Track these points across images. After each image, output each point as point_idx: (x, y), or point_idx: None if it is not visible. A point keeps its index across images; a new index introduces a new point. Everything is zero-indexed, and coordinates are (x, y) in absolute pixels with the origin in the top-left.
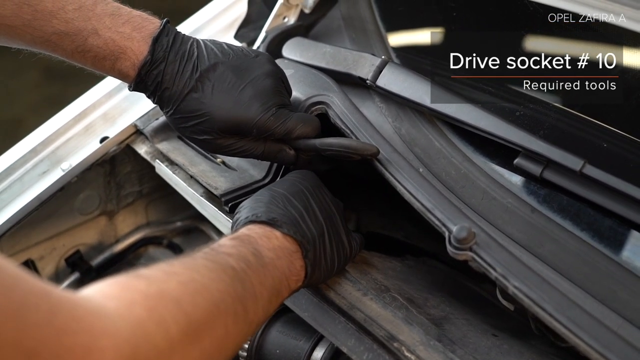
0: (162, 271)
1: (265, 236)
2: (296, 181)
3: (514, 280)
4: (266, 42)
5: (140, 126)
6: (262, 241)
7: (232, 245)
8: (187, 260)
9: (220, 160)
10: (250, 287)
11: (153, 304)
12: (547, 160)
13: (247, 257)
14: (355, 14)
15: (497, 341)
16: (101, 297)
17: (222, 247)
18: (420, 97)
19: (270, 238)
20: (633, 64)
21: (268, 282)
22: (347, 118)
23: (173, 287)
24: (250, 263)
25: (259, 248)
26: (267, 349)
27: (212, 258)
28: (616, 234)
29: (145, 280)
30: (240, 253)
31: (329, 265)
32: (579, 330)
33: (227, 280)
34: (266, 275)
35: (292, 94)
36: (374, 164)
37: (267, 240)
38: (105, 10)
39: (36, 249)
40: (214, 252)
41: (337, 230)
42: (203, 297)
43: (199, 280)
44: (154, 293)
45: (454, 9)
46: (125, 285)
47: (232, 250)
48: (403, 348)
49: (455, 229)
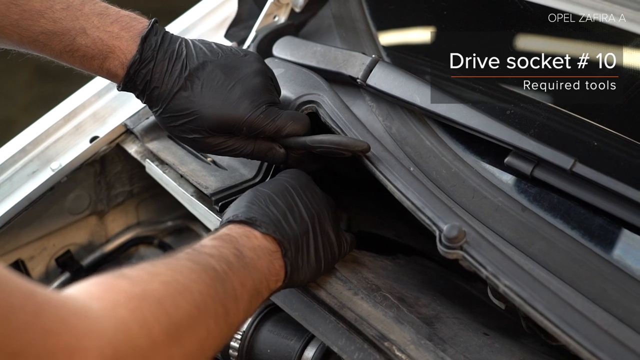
0: (145, 271)
1: (245, 235)
2: (283, 180)
3: (505, 279)
4: (256, 42)
5: (131, 126)
6: (243, 241)
7: (213, 246)
8: (169, 260)
9: (211, 159)
10: (230, 288)
11: (136, 305)
12: (537, 159)
13: (229, 257)
14: (346, 12)
15: (488, 340)
16: (86, 297)
17: (204, 247)
18: (410, 95)
19: (250, 237)
20: (633, 64)
21: (248, 283)
22: (337, 117)
23: (155, 287)
24: (231, 264)
25: (241, 248)
26: (258, 349)
27: (194, 259)
28: (606, 232)
29: (129, 281)
30: (222, 254)
31: (314, 265)
32: (569, 328)
33: (209, 282)
34: (247, 276)
35: (283, 93)
36: (365, 162)
37: (247, 239)
38: (94, 9)
39: (26, 249)
40: (195, 253)
41: (325, 228)
42: (185, 298)
43: (181, 281)
44: (137, 293)
45: (445, 8)
46: (109, 286)
47: (214, 250)
48: (394, 347)
49: (446, 228)
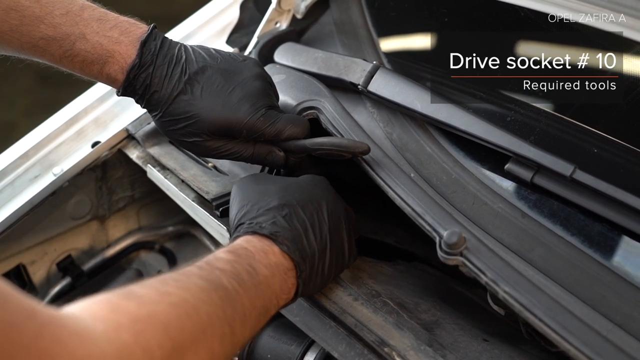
0: (154, 290)
1: (263, 251)
2: (308, 188)
3: (505, 285)
4: (258, 48)
5: (132, 131)
6: (259, 256)
7: (228, 261)
8: (180, 277)
9: (212, 164)
10: (240, 308)
11: (140, 328)
12: (537, 166)
13: (241, 274)
14: (347, 19)
15: (487, 346)
16: (89, 318)
17: (218, 261)
18: (411, 102)
19: (268, 254)
20: (633, 70)
21: (259, 303)
22: (338, 123)
23: (163, 309)
24: (243, 282)
25: (255, 264)
26: (258, 354)
27: (206, 276)
28: (606, 239)
29: (136, 301)
30: (235, 270)
31: (325, 279)
32: (569, 335)
33: (218, 302)
34: (257, 295)
35: (284, 99)
36: (365, 168)
37: (264, 255)
38: (93, 15)
39: (27, 254)
40: (208, 268)
41: (341, 241)
42: (192, 320)
43: (190, 301)
44: (142, 316)
45: (446, 14)
46: (115, 306)
47: (227, 266)
48: (394, 353)
49: (446, 234)
